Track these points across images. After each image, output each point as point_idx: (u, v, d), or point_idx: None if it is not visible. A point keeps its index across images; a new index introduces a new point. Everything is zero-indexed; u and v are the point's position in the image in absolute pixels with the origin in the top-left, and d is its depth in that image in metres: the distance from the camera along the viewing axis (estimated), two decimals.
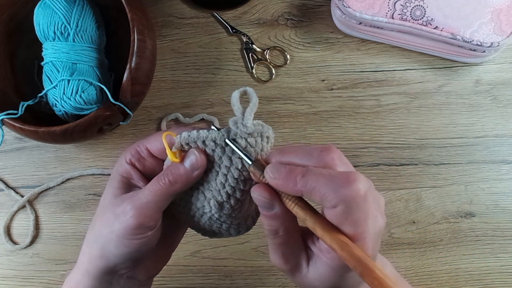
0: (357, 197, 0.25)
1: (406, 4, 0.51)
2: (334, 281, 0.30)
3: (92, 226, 0.35)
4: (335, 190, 0.25)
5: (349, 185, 0.25)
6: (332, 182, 0.26)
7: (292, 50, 0.58)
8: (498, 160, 0.55)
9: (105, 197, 0.34)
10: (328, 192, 0.26)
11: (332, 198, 0.26)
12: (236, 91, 0.29)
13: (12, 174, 0.58)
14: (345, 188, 0.25)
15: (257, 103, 0.29)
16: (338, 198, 0.25)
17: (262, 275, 0.55)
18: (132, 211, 0.31)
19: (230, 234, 0.36)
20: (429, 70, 0.57)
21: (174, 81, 0.58)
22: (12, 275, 0.57)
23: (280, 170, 0.28)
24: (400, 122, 0.56)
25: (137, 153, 0.34)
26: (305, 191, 0.27)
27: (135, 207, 0.31)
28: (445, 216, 0.55)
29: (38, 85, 0.54)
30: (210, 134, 0.30)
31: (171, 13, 0.59)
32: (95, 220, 0.34)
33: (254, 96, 0.29)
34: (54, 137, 0.48)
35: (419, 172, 0.56)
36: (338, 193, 0.25)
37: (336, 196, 0.25)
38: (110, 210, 0.33)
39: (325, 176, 0.26)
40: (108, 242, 0.32)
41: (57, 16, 0.49)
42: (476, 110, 0.56)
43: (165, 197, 0.32)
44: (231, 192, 0.31)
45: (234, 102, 0.29)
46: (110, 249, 0.32)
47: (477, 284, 0.54)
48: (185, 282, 0.55)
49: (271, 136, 0.31)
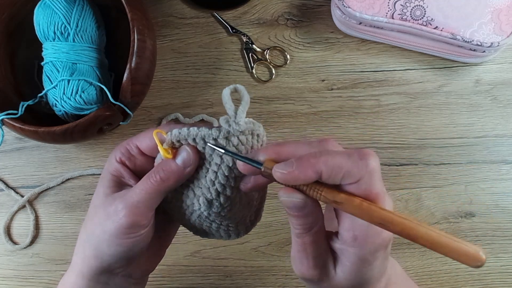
0: (375, 168, 0.27)
1: (406, 4, 0.51)
2: (363, 272, 0.30)
3: (84, 226, 0.34)
4: (356, 165, 0.26)
5: (366, 159, 0.27)
6: (350, 158, 0.27)
7: (292, 50, 0.58)
8: (498, 160, 0.55)
9: (96, 197, 0.34)
10: (351, 167, 0.26)
11: (356, 172, 0.26)
12: (227, 88, 0.28)
13: (12, 174, 0.58)
14: (364, 161, 0.27)
15: (249, 101, 0.29)
16: (361, 172, 0.26)
17: (262, 275, 0.55)
18: (124, 210, 0.31)
19: (221, 235, 0.36)
20: (429, 70, 0.57)
21: (174, 81, 0.58)
22: (12, 275, 0.57)
23: (289, 164, 0.27)
24: (400, 122, 0.56)
25: (127, 151, 0.33)
26: (325, 170, 0.26)
27: (127, 206, 0.31)
28: (445, 216, 0.55)
29: (38, 85, 0.54)
30: (200, 132, 0.29)
31: (171, 13, 0.59)
32: (87, 220, 0.34)
33: (246, 93, 0.28)
34: (54, 137, 0.48)
35: (419, 172, 0.56)
36: (360, 168, 0.26)
37: (359, 170, 0.26)
38: (101, 210, 0.32)
39: (341, 154, 0.27)
40: (101, 242, 0.32)
41: (57, 16, 0.49)
42: (476, 110, 0.56)
43: (157, 194, 0.31)
44: (220, 190, 0.31)
45: (226, 100, 0.28)
46: (104, 249, 0.32)
47: (477, 284, 0.54)
48: (185, 282, 0.55)
49: (262, 134, 0.30)
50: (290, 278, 0.55)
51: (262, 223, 0.55)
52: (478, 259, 0.24)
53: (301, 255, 0.30)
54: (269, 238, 0.55)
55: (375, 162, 0.27)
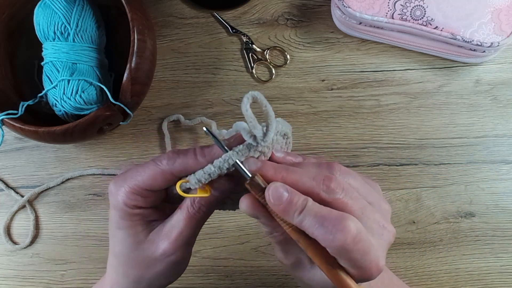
0: (348, 240, 0.26)
1: (406, 4, 0.51)
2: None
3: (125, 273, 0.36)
4: (328, 235, 0.26)
5: (340, 229, 0.26)
6: (324, 227, 0.26)
7: (292, 50, 0.58)
8: (498, 160, 0.55)
9: (124, 247, 0.34)
10: (322, 237, 0.26)
11: (327, 244, 0.26)
12: (245, 99, 0.27)
13: (12, 174, 0.58)
14: (336, 233, 0.26)
15: (273, 114, 0.28)
16: (331, 245, 0.26)
17: (262, 275, 0.55)
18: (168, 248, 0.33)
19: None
20: (429, 70, 0.57)
21: (174, 81, 0.58)
22: (12, 275, 0.57)
23: (281, 199, 0.27)
24: (400, 122, 0.56)
25: (136, 197, 0.33)
26: (301, 228, 0.27)
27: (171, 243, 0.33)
28: (445, 216, 0.55)
29: (38, 85, 0.54)
30: (225, 163, 0.29)
31: (171, 13, 0.59)
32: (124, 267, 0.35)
33: (268, 106, 0.28)
34: (54, 137, 0.48)
35: (419, 172, 0.56)
36: (330, 240, 0.26)
37: (330, 243, 0.26)
38: (142, 258, 0.34)
39: (318, 219, 0.26)
40: (155, 280, 0.35)
41: (57, 16, 0.49)
42: (476, 110, 0.56)
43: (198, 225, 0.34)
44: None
45: (249, 117, 0.27)
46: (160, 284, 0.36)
47: (477, 284, 0.54)
48: (185, 282, 0.55)
49: (289, 134, 0.32)
50: (290, 278, 0.55)
51: None
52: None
53: (276, 246, 0.33)
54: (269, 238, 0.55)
55: (350, 230, 0.26)
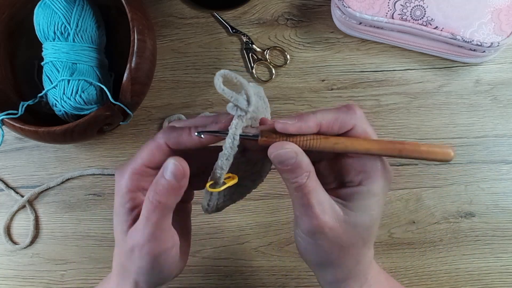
0: (362, 114, 0.33)
1: (406, 4, 0.51)
2: (373, 209, 0.32)
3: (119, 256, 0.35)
4: (348, 115, 0.31)
5: (354, 110, 0.32)
6: (341, 111, 0.32)
7: (292, 50, 0.58)
8: (498, 160, 0.55)
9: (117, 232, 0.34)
10: (345, 118, 0.31)
11: (349, 121, 0.31)
12: (216, 80, 0.28)
13: (12, 174, 0.58)
14: (353, 111, 0.32)
15: (246, 81, 0.29)
16: (353, 121, 0.31)
17: (262, 275, 0.55)
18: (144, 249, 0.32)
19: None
20: (429, 70, 0.57)
21: (174, 81, 0.58)
22: (12, 275, 0.57)
23: (291, 117, 0.31)
24: (400, 122, 0.56)
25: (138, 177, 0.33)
26: (325, 123, 0.31)
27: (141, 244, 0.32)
28: (445, 216, 0.55)
29: (38, 85, 0.54)
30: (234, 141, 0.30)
31: (171, 13, 0.59)
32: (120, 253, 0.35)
33: (238, 76, 0.29)
34: (54, 137, 0.48)
35: (419, 172, 0.56)
36: (351, 116, 0.32)
37: (351, 119, 0.31)
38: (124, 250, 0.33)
39: (333, 110, 0.32)
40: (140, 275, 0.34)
41: (57, 16, 0.49)
42: (476, 110, 0.56)
43: (164, 217, 0.31)
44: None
45: (228, 92, 0.28)
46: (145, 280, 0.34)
47: (477, 284, 0.54)
48: (185, 282, 0.55)
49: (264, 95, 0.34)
50: (290, 278, 0.55)
51: (262, 223, 0.55)
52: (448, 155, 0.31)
53: (306, 207, 0.30)
54: (269, 238, 0.55)
55: (359, 110, 0.32)
